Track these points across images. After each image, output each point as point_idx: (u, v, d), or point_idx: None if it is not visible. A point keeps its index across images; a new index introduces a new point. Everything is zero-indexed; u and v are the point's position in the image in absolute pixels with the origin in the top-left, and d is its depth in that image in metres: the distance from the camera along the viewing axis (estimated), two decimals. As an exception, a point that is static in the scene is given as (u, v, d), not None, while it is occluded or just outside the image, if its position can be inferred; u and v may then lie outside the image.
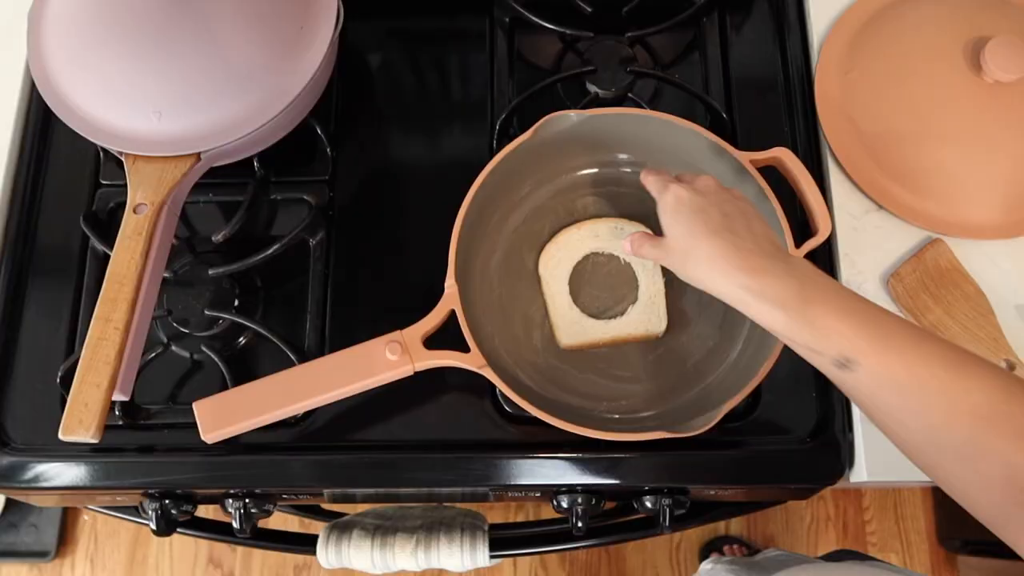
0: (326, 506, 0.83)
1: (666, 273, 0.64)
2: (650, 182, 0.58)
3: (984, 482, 0.43)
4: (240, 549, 1.34)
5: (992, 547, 1.20)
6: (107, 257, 0.59)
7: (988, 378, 0.44)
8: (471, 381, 0.60)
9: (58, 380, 0.65)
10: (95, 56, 0.62)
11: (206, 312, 0.66)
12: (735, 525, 1.33)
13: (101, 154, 0.72)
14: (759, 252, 0.50)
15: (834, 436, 0.62)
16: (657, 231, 0.57)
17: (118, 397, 0.59)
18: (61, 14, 0.64)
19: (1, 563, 1.33)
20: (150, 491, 0.64)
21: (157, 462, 0.63)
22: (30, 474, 0.63)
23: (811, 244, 0.61)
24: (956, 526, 1.29)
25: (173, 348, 0.67)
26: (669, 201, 0.54)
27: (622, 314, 0.64)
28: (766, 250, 0.50)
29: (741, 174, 0.62)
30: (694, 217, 0.52)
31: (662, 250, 0.55)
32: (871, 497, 1.34)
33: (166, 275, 0.65)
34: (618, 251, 0.65)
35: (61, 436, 0.54)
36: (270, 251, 0.65)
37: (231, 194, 0.69)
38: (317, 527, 0.72)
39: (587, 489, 0.63)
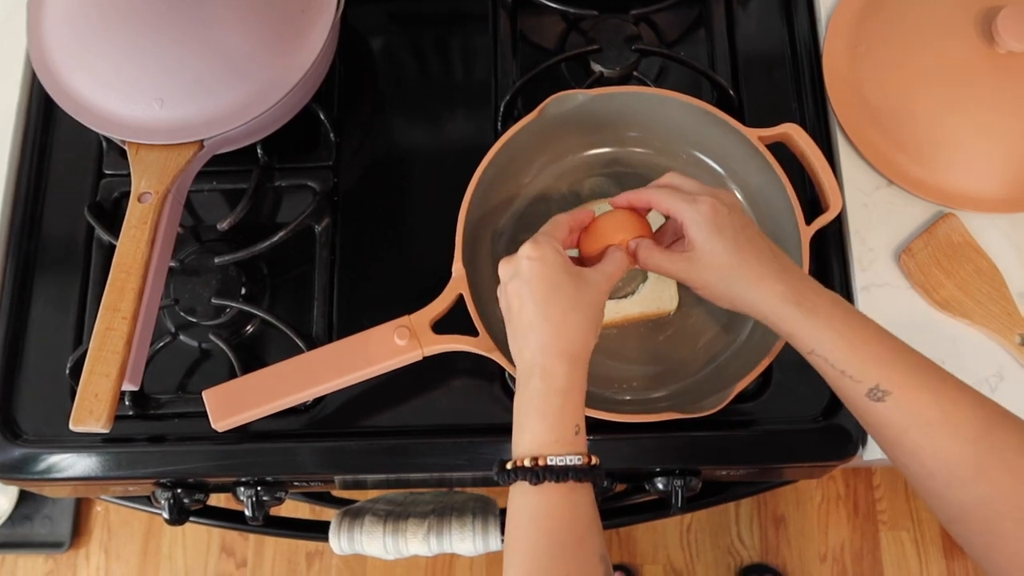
0: (337, 493, 0.83)
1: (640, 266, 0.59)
2: (666, 199, 0.53)
3: (1007, 556, 0.41)
4: (252, 537, 1.34)
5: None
6: (113, 247, 0.59)
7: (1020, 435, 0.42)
8: (480, 365, 0.59)
9: (67, 371, 0.65)
10: (95, 45, 0.62)
11: (213, 301, 0.66)
12: (745, 506, 1.33)
13: (104, 143, 0.71)
14: (805, 277, 0.50)
15: (846, 414, 0.61)
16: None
17: (128, 387, 0.59)
18: (60, 3, 0.64)
19: (17, 555, 1.35)
20: (162, 480, 0.65)
21: (168, 451, 0.63)
22: (42, 465, 0.64)
23: (822, 220, 0.60)
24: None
25: (181, 337, 0.67)
26: (705, 213, 0.50)
27: (632, 293, 0.63)
28: (809, 278, 0.50)
29: (749, 151, 0.61)
30: (738, 234, 0.50)
31: (684, 264, 0.51)
32: (882, 475, 1.33)
33: (172, 264, 0.65)
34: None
35: (72, 427, 0.54)
36: (275, 238, 0.65)
37: (235, 181, 0.69)
38: (328, 514, 0.72)
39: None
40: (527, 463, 0.45)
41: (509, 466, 0.46)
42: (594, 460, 0.46)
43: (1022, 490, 0.41)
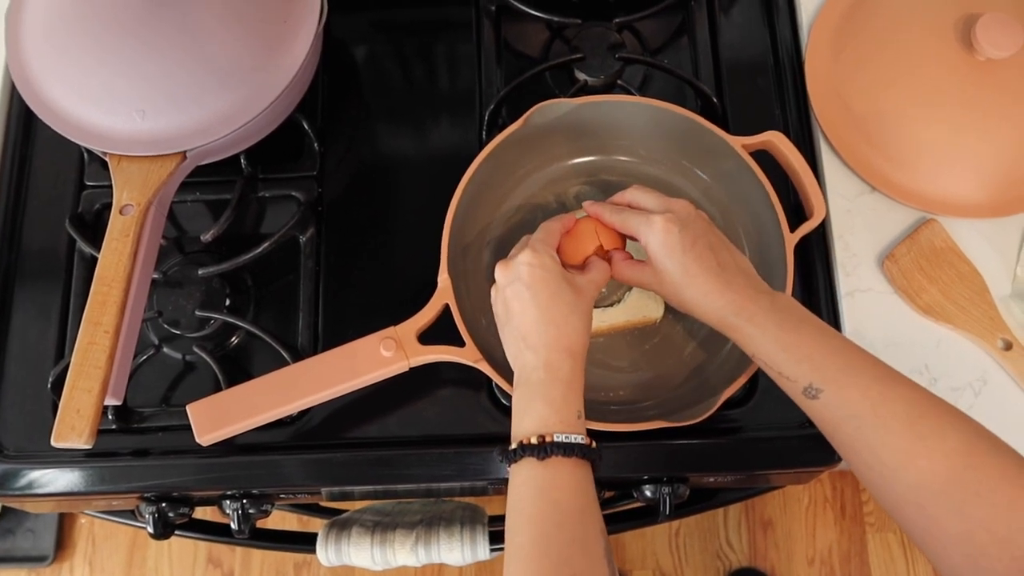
0: (324, 503, 0.83)
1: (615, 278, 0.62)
2: (618, 217, 0.57)
3: (942, 538, 0.42)
4: (239, 548, 1.33)
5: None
6: (94, 259, 0.59)
7: (951, 428, 0.44)
8: (467, 375, 0.59)
9: (49, 386, 0.64)
10: (76, 56, 0.61)
11: (197, 313, 0.65)
12: (733, 510, 1.33)
13: (85, 155, 0.71)
14: (747, 286, 0.52)
15: (832, 420, 0.62)
16: None
17: (110, 401, 0.58)
18: (39, 14, 0.63)
19: (-1, 569, 1.33)
20: (146, 495, 0.64)
21: (152, 465, 0.63)
22: (24, 481, 0.63)
23: (806, 228, 0.60)
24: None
25: (165, 350, 0.66)
26: (658, 237, 0.53)
27: (619, 302, 0.63)
28: (752, 284, 0.53)
29: (733, 158, 0.61)
30: (686, 255, 0.53)
31: (651, 277, 0.55)
32: (868, 477, 1.34)
33: (155, 276, 0.64)
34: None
35: (54, 443, 0.54)
36: (260, 249, 0.65)
37: (219, 192, 0.68)
38: (316, 524, 0.71)
39: (586, 480, 0.63)
40: (533, 440, 0.48)
41: (514, 446, 0.49)
42: (594, 444, 0.49)
43: (948, 473, 0.43)
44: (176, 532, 0.68)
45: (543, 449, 0.48)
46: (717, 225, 0.56)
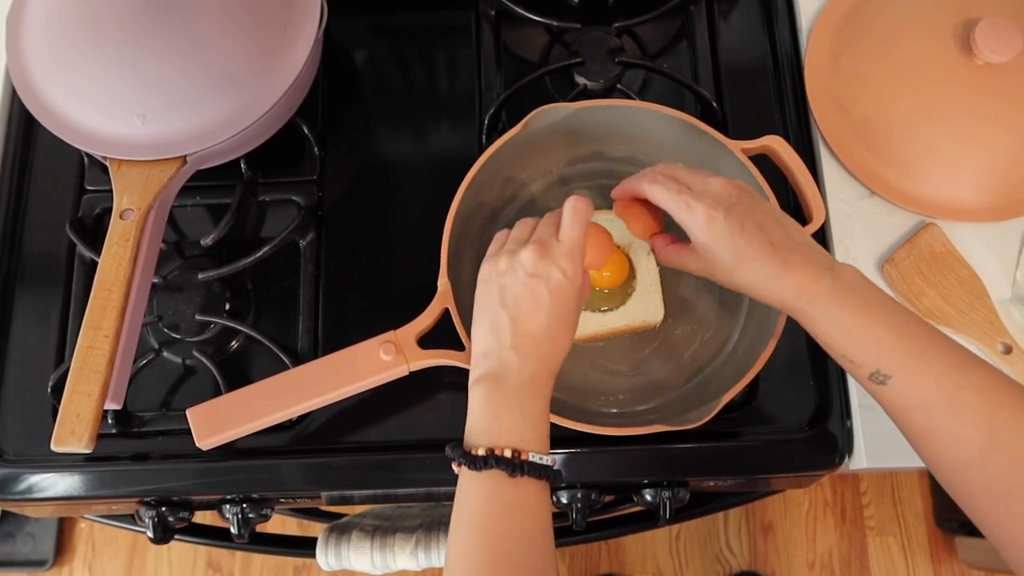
0: (324, 508, 0.83)
1: (660, 263, 0.62)
2: (662, 196, 0.53)
3: (1018, 534, 0.41)
4: (239, 552, 1.33)
5: (990, 527, 1.20)
6: (95, 264, 0.59)
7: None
8: (467, 379, 0.59)
9: (49, 390, 0.64)
10: (76, 60, 0.61)
11: (197, 317, 0.65)
12: (734, 514, 1.33)
13: (86, 159, 0.71)
14: (805, 263, 0.49)
15: (833, 424, 0.62)
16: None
17: (110, 406, 0.58)
18: (40, 18, 0.63)
19: (-1, 573, 1.33)
20: (146, 499, 0.64)
21: (152, 470, 0.63)
22: (24, 485, 0.63)
23: (806, 232, 0.60)
24: (953, 508, 1.28)
25: (165, 354, 0.66)
26: (702, 226, 0.50)
27: (619, 306, 0.63)
28: (811, 259, 0.49)
29: (733, 163, 0.61)
30: (736, 241, 0.49)
31: (698, 263, 0.53)
32: (868, 481, 1.34)
33: (155, 280, 0.64)
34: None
35: (53, 447, 0.53)
36: (260, 253, 0.65)
37: (219, 197, 0.69)
38: (316, 528, 0.71)
39: (585, 484, 0.63)
40: (507, 453, 0.46)
41: (481, 452, 0.47)
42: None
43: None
44: (176, 536, 0.67)
45: (518, 467, 0.46)
46: None
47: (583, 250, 0.52)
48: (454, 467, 0.49)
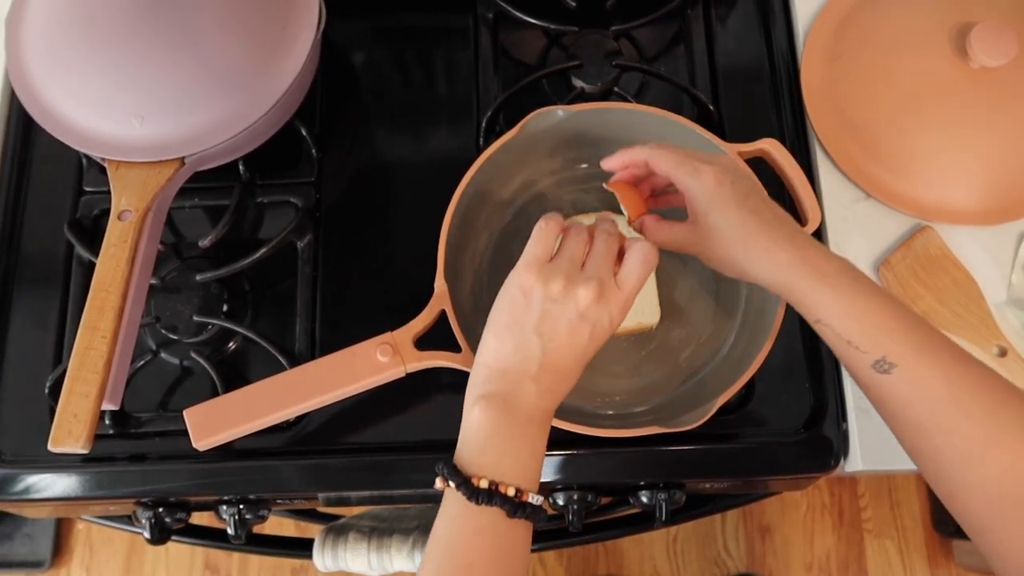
0: (322, 509, 0.83)
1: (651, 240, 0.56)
2: (668, 162, 0.51)
3: (1006, 539, 0.40)
4: (236, 553, 1.33)
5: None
6: (93, 265, 0.59)
7: None
8: (463, 381, 0.59)
9: (46, 390, 0.64)
10: (75, 61, 0.62)
11: (194, 318, 0.65)
12: (731, 516, 1.33)
13: (84, 160, 0.71)
14: (812, 243, 0.47)
15: (828, 426, 0.62)
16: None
17: (107, 406, 0.58)
18: (40, 19, 0.63)
19: (-4, 574, 1.33)
20: (143, 500, 0.64)
21: (149, 471, 0.63)
22: (21, 486, 0.63)
23: (801, 235, 0.60)
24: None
25: (162, 355, 0.66)
26: (708, 186, 0.48)
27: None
28: (816, 242, 0.48)
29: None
30: (742, 208, 0.47)
31: (692, 237, 0.50)
32: (866, 484, 1.34)
33: (153, 282, 0.64)
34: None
35: (51, 448, 0.54)
36: (257, 255, 0.65)
37: (217, 198, 0.69)
38: (313, 530, 0.71)
39: (582, 486, 0.63)
40: (510, 492, 0.44)
41: (484, 484, 0.44)
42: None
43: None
44: (173, 537, 0.68)
45: (519, 507, 0.44)
46: None
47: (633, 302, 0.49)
48: (439, 484, 0.46)
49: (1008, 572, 0.40)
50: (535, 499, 0.45)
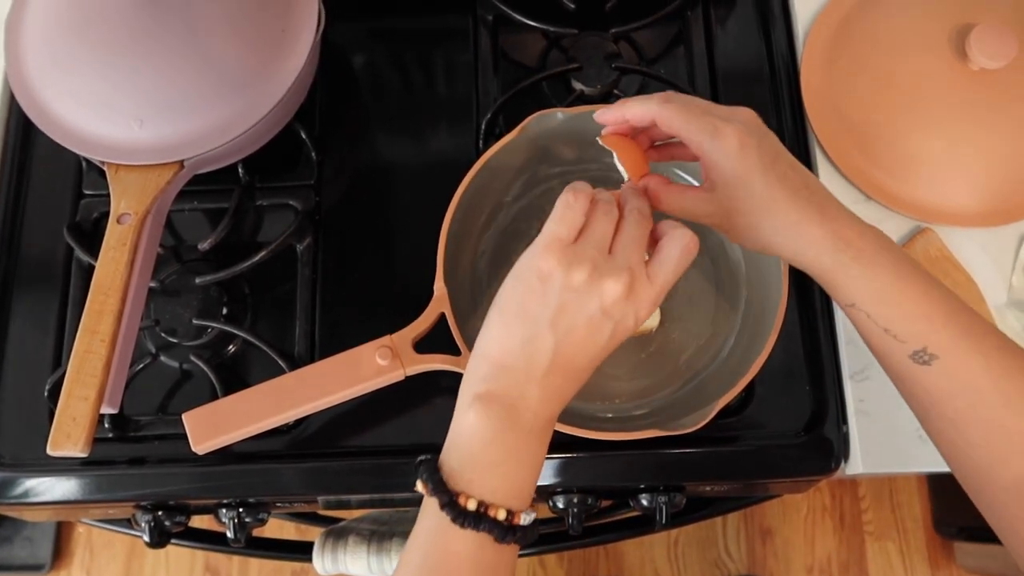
0: (321, 512, 0.83)
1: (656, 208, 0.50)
2: (681, 120, 0.44)
3: None
4: (237, 556, 1.33)
5: (987, 532, 1.20)
6: (92, 268, 0.59)
7: None
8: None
9: (46, 393, 0.64)
10: (74, 64, 0.62)
11: (194, 321, 0.65)
12: (732, 518, 1.33)
13: (83, 163, 0.71)
14: (846, 215, 0.42)
15: (829, 429, 0.62)
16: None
17: (106, 410, 0.58)
18: (39, 22, 0.63)
19: (-4, 577, 1.33)
20: (142, 503, 0.64)
21: (148, 474, 0.63)
22: (20, 489, 0.63)
23: (801, 237, 0.60)
24: (951, 513, 1.29)
25: (162, 358, 0.66)
26: (731, 150, 0.42)
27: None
28: (851, 213, 0.43)
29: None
30: (768, 175, 0.42)
31: (709, 206, 0.44)
32: (867, 486, 1.34)
33: (152, 285, 0.64)
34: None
35: (49, 451, 0.54)
36: (257, 258, 0.65)
37: (216, 201, 0.69)
38: (313, 533, 0.71)
39: (582, 489, 0.63)
40: (501, 516, 0.39)
41: (471, 505, 0.39)
42: None
43: None
44: (172, 541, 0.67)
45: (509, 531, 0.39)
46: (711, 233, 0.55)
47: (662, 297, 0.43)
48: (420, 488, 0.42)
49: None
50: (527, 518, 0.40)
